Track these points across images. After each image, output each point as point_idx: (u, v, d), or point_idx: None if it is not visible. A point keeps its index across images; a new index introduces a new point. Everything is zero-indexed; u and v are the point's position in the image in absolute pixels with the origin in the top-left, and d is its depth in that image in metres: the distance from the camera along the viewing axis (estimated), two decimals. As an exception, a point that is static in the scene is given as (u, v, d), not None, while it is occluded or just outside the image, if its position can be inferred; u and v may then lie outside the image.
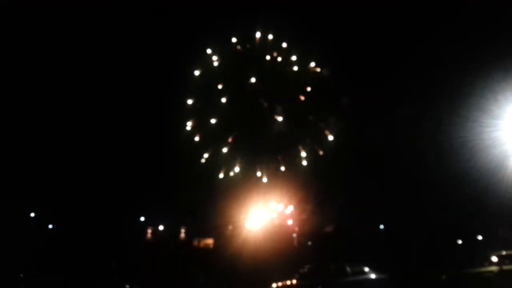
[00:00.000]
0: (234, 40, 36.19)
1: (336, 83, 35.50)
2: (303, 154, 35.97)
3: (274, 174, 35.98)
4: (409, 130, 33.14)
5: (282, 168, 35.85)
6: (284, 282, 19.34)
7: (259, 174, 36.12)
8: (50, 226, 38.91)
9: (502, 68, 23.86)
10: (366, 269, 19.54)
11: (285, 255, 31.40)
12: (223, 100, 36.19)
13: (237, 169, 36.08)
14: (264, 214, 36.72)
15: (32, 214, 37.79)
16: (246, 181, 36.32)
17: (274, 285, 19.39)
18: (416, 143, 32.88)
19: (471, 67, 28.38)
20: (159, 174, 36.96)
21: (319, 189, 35.06)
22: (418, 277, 20.83)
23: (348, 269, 19.00)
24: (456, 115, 27.48)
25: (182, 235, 40.19)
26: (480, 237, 35.40)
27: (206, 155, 36.11)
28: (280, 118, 36.29)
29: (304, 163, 35.77)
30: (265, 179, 36.09)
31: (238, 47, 36.49)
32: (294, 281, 19.12)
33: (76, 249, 31.53)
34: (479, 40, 28.76)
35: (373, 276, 19.42)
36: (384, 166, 34.74)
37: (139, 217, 39.87)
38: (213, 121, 36.07)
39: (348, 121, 35.26)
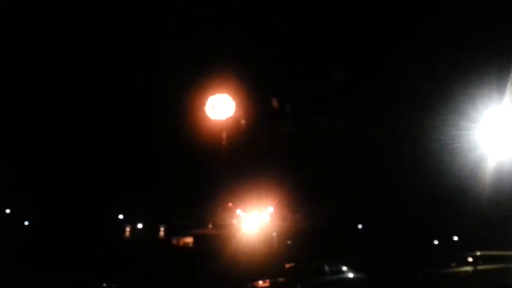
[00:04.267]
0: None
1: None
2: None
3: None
4: (388, 132, 33.53)
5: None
6: (263, 281, 19.36)
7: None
8: (26, 223, 38.24)
9: (479, 72, 24.31)
10: (344, 268, 19.75)
11: (265, 254, 31.47)
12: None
13: None
14: (245, 212, 36.80)
15: (8, 211, 37.09)
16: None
17: (253, 283, 19.39)
18: (395, 145, 33.29)
19: (449, 70, 28.84)
20: (138, 171, 36.63)
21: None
22: (395, 277, 21.10)
23: (327, 268, 19.17)
24: (434, 118, 27.89)
25: (161, 233, 39.92)
26: (455, 238, 36.13)
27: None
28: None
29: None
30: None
31: None
32: (273, 280, 19.17)
33: (52, 246, 31.01)
34: (456, 44, 29.25)
35: (350, 275, 19.64)
36: (363, 167, 35.09)
37: (117, 215, 39.46)
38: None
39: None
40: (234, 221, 36.85)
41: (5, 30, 32.95)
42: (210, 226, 38.99)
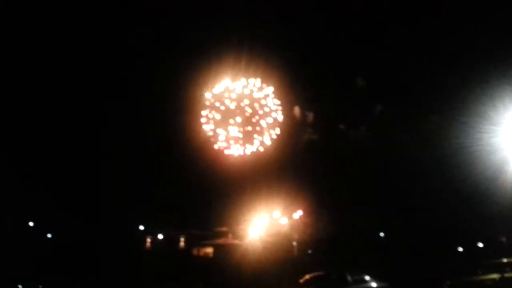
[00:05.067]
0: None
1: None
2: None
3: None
4: (408, 136, 33.14)
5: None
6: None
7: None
8: (49, 235, 38.76)
9: (500, 74, 23.89)
10: (367, 277, 19.37)
11: (286, 264, 31.25)
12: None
13: None
14: (265, 222, 36.72)
15: (31, 223, 37.68)
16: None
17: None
18: (416, 150, 32.88)
19: (470, 73, 28.45)
20: (159, 183, 36.93)
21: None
22: (419, 286, 20.69)
23: (349, 277, 18.81)
24: (455, 121, 27.49)
25: (182, 243, 40.00)
26: (480, 244, 35.26)
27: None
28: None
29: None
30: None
31: None
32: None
33: (75, 258, 31.37)
34: (477, 46, 28.88)
35: (374, 284, 19.25)
36: (385, 173, 34.68)
37: (138, 226, 39.73)
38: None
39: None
40: (254, 231, 36.74)
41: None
42: (230, 236, 38.98)
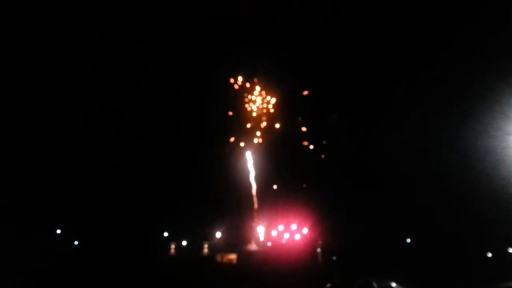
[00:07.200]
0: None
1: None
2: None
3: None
4: (433, 139, 32.65)
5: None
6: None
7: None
8: (76, 243, 39.39)
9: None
10: (394, 284, 19.08)
11: (310, 270, 30.99)
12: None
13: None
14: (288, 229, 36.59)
15: (58, 231, 38.38)
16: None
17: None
18: (441, 153, 32.37)
19: (495, 74, 27.95)
20: (183, 190, 37.30)
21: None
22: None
23: (375, 284, 18.55)
24: (480, 123, 26.97)
25: (205, 250, 40.17)
26: (511, 250, 34.28)
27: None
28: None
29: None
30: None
31: None
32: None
33: (100, 264, 31.72)
34: (503, 47, 28.38)
35: (400, 291, 18.96)
36: (409, 177, 34.15)
37: (163, 233, 40.06)
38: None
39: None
40: (278, 237, 36.68)
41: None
42: (254, 242, 39.00)
